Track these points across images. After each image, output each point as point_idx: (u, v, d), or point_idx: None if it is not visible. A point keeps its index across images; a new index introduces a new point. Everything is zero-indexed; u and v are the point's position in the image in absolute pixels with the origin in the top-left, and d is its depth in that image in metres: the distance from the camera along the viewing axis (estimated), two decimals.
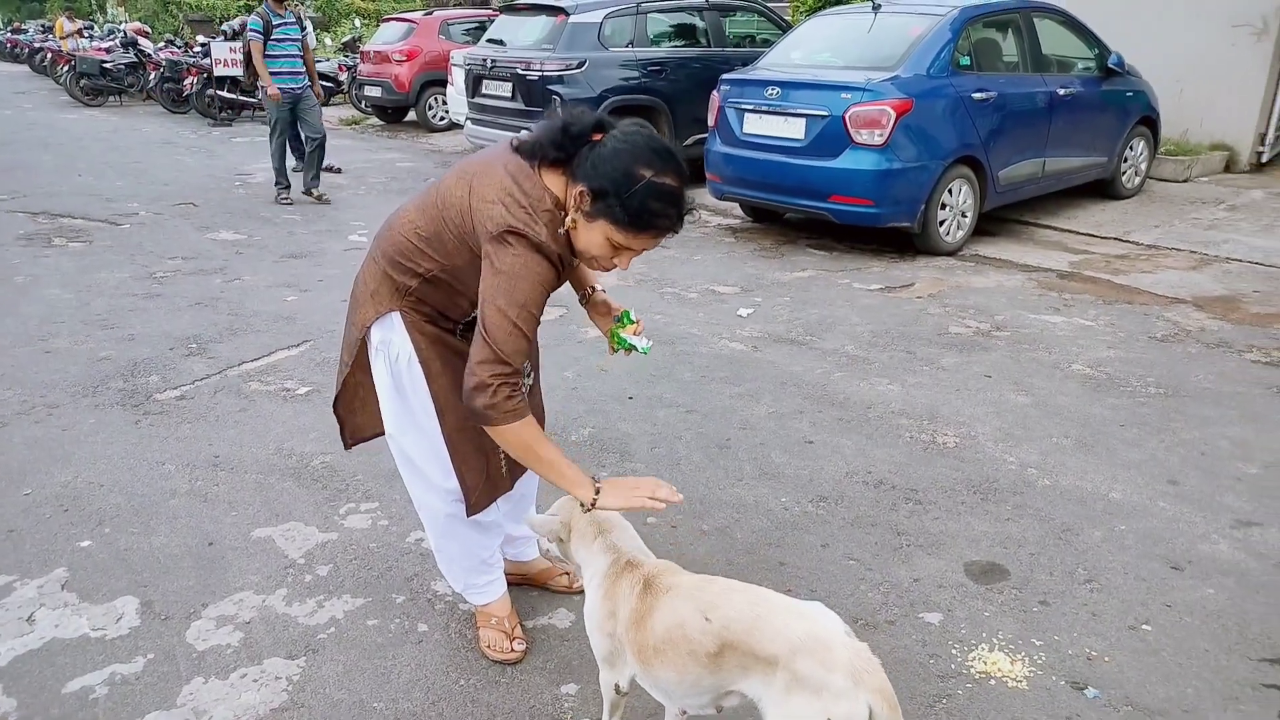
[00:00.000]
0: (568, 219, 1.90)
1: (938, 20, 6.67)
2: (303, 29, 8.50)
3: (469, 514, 2.29)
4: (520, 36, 9.17)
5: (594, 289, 2.36)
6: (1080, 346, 4.81)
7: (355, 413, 2.42)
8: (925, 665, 2.42)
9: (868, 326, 5.14)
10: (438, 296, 2.11)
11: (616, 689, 1.95)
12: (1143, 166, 8.44)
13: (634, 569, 1.89)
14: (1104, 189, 8.28)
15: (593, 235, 1.89)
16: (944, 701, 2.29)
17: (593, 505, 1.93)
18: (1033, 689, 2.33)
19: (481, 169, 1.95)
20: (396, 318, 2.13)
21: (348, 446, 2.50)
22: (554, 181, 1.91)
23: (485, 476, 2.27)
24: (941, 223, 6.66)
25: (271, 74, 8.18)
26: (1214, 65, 9.13)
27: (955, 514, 3.19)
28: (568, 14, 8.59)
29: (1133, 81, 7.97)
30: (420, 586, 2.75)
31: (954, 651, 2.48)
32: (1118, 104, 7.88)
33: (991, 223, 7.41)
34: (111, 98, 17.00)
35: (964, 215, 6.79)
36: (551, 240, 1.87)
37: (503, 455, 2.26)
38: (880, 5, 7.15)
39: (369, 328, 2.16)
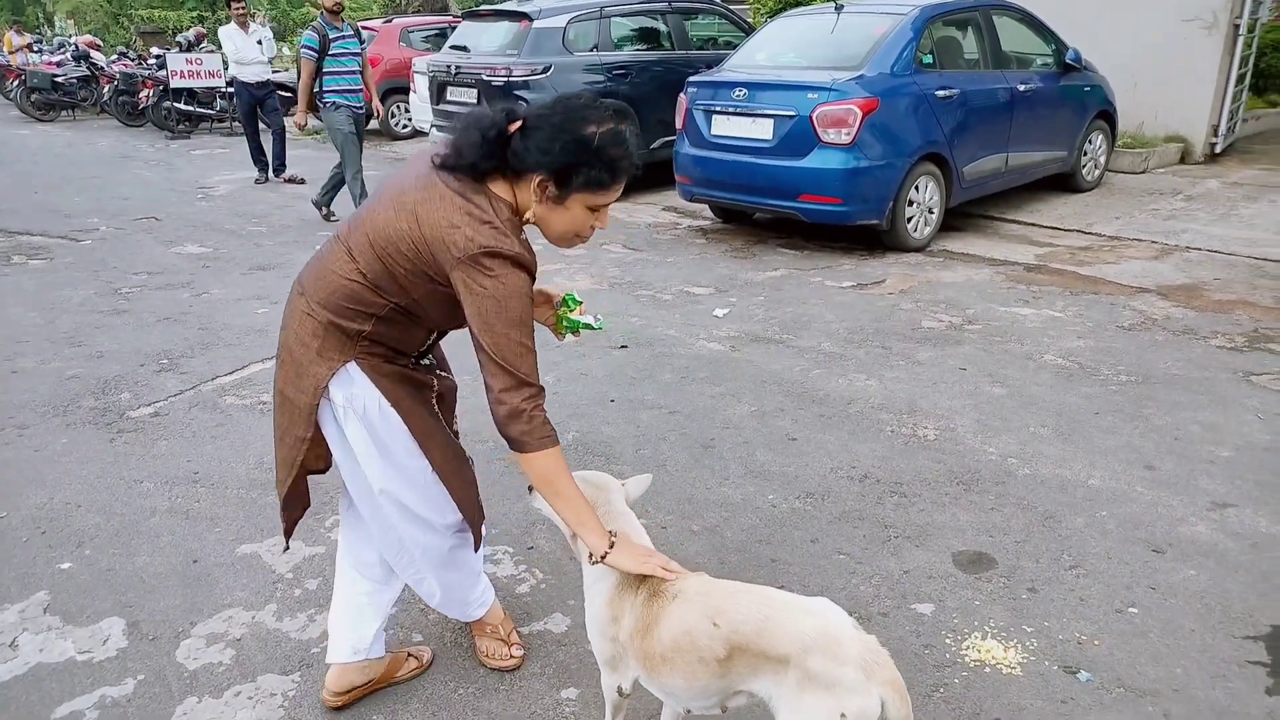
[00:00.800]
0: (529, 215, 1.86)
1: (900, 19, 6.75)
2: (361, 42, 7.89)
3: (477, 546, 2.28)
4: (484, 42, 9.14)
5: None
6: (1050, 337, 4.89)
7: (298, 501, 2.18)
8: (920, 656, 2.45)
9: (843, 323, 5.19)
10: (394, 333, 1.99)
11: (619, 691, 1.95)
12: (1101, 159, 8.60)
13: (642, 578, 1.86)
14: (1065, 182, 8.43)
15: (573, 214, 1.86)
16: (941, 691, 2.32)
17: (602, 559, 1.84)
18: (1027, 675, 2.37)
19: (421, 197, 1.83)
20: (353, 368, 1.97)
21: (289, 545, 2.35)
22: (498, 188, 1.86)
23: (477, 504, 2.23)
24: (909, 219, 6.74)
25: (331, 91, 7.57)
26: (1166, 59, 9.34)
27: (940, 505, 3.23)
28: (531, 19, 8.58)
29: (1090, 76, 8.13)
30: (412, 596, 2.72)
31: (948, 641, 2.51)
32: (1076, 99, 8.03)
33: (958, 218, 7.51)
34: (64, 112, 16.67)
35: (931, 211, 6.88)
36: (525, 250, 1.82)
37: None
38: (843, 5, 7.23)
39: (324, 389, 1.97)
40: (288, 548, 2.43)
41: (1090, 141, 8.35)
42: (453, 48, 9.55)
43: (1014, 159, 7.50)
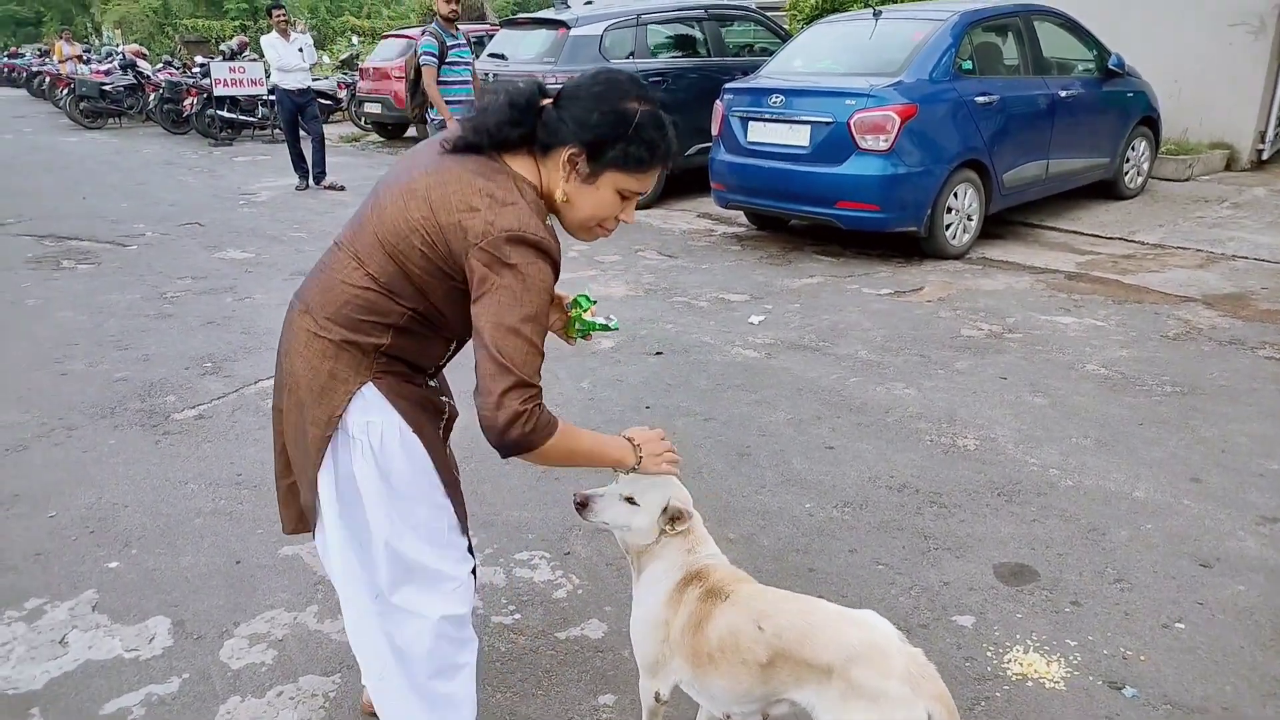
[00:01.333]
0: (559, 194, 1.69)
1: (939, 25, 6.71)
2: (472, 51, 7.78)
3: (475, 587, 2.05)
4: (522, 50, 9.21)
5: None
6: (1093, 347, 4.82)
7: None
8: (961, 668, 2.42)
9: (880, 331, 5.15)
10: (413, 346, 1.78)
11: (657, 696, 1.94)
12: (1145, 166, 8.47)
13: (701, 577, 1.85)
14: (1107, 190, 8.31)
15: (601, 195, 1.70)
16: (983, 704, 2.29)
17: (638, 464, 1.81)
18: (1070, 689, 2.33)
19: (434, 183, 1.65)
20: (370, 390, 1.74)
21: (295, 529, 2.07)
22: (521, 166, 1.69)
23: (471, 543, 2.00)
24: (948, 226, 6.68)
25: (447, 101, 7.35)
26: (1212, 64, 9.18)
27: (980, 516, 3.19)
28: (569, 27, 8.63)
29: (1133, 82, 8.01)
30: None
31: (989, 654, 2.48)
32: (1119, 105, 7.92)
33: (997, 225, 7.44)
34: (111, 120, 17.05)
35: (970, 219, 6.81)
36: (550, 236, 1.66)
37: None
38: (881, 11, 7.20)
39: (340, 418, 1.74)
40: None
41: (1133, 148, 8.22)
42: (490, 55, 9.64)
43: (1055, 166, 7.41)
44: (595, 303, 2.13)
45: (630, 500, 1.85)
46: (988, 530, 3.09)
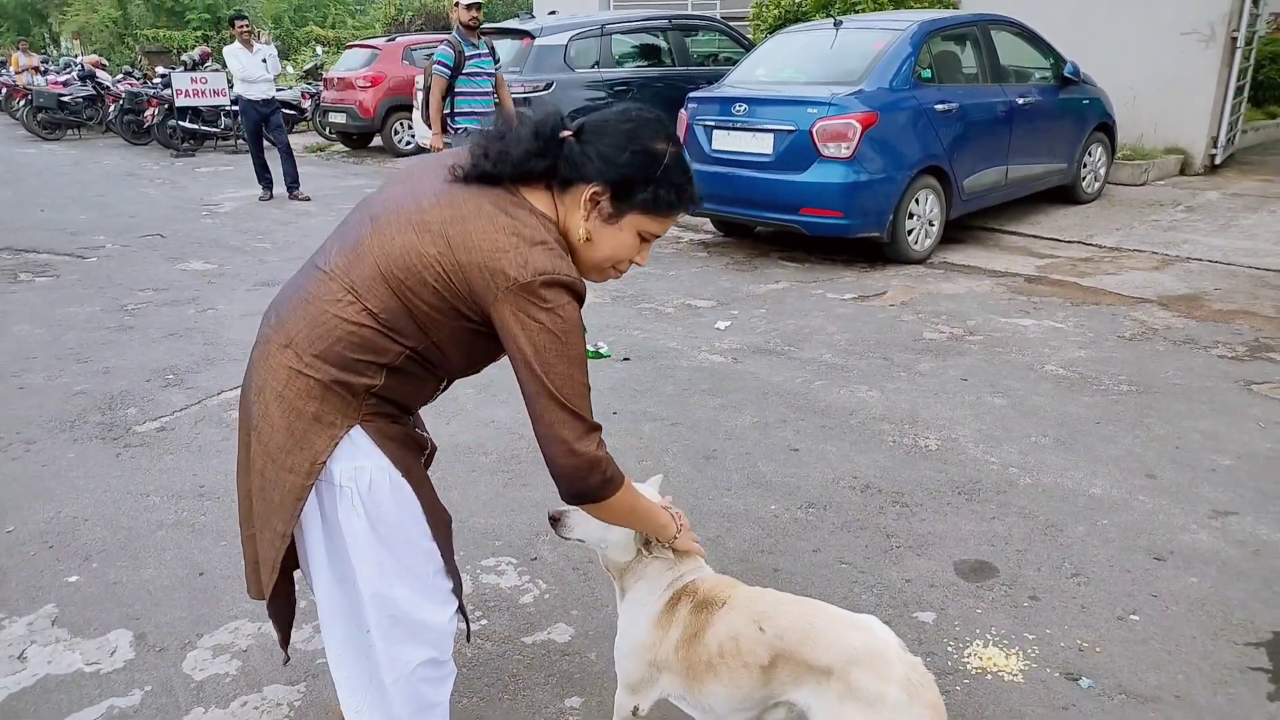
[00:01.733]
0: (582, 231, 1.61)
1: (898, 34, 6.82)
2: (497, 61, 7.30)
3: (469, 638, 2.06)
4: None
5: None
6: (1052, 348, 4.91)
7: (283, 598, 1.88)
8: (923, 663, 2.45)
9: (844, 335, 5.21)
10: (405, 388, 1.68)
11: (635, 711, 1.93)
12: (1101, 171, 8.65)
13: (690, 592, 1.86)
14: (1065, 194, 8.48)
15: (622, 237, 1.64)
16: (944, 698, 2.32)
17: (673, 541, 1.85)
18: (1029, 681, 2.38)
19: (450, 217, 1.56)
20: (358, 433, 1.63)
21: (289, 655, 2.05)
22: (539, 200, 1.61)
23: (460, 583, 1.91)
24: (910, 232, 6.77)
25: (463, 114, 6.93)
26: (1165, 72, 9.40)
27: (941, 515, 3.24)
28: (533, 37, 8.67)
29: (1088, 89, 8.18)
30: None
31: (949, 649, 2.52)
32: (1075, 112, 8.09)
33: (958, 230, 7.55)
34: (70, 131, 16.80)
35: (931, 224, 6.92)
36: (579, 276, 1.59)
37: None
38: (841, 21, 7.30)
39: (324, 465, 1.62)
40: (288, 659, 2.09)
41: (1090, 154, 8.39)
42: None
43: (1014, 172, 7.54)
44: (585, 330, 2.10)
45: None
46: (949, 528, 3.15)
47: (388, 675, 1.78)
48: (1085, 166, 8.41)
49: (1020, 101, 7.37)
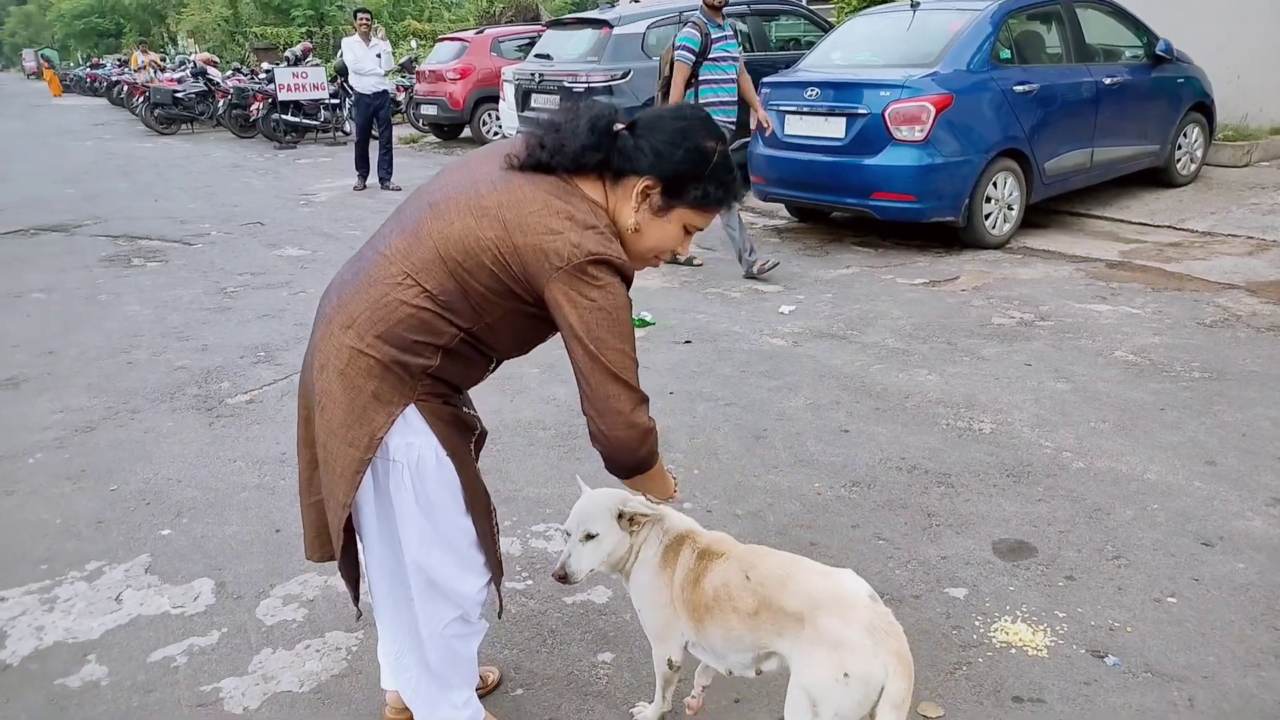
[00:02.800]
0: (632, 221, 1.70)
1: (977, 15, 6.70)
2: (740, 43, 6.59)
3: (500, 614, 2.19)
4: (567, 50, 9.41)
5: None
6: (1124, 334, 4.81)
7: (350, 560, 1.98)
8: (948, 636, 2.51)
9: (909, 320, 5.20)
10: (458, 369, 1.77)
11: (670, 663, 2.05)
12: (1198, 153, 8.30)
13: (690, 539, 1.99)
14: (1159, 177, 8.17)
15: (668, 229, 1.73)
16: (964, 669, 2.38)
17: (673, 495, 1.98)
18: (1053, 657, 2.41)
19: (507, 201, 1.64)
20: (412, 412, 1.73)
21: (360, 611, 2.16)
22: (591, 189, 1.70)
23: (500, 560, 2.03)
24: (987, 216, 6.67)
25: (709, 104, 6.08)
26: (1271, 50, 8.93)
27: (986, 496, 3.25)
28: (612, 26, 8.81)
29: (1183, 68, 7.86)
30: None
31: (977, 623, 2.56)
32: (1168, 91, 7.79)
33: (1041, 215, 7.38)
34: (184, 126, 17.82)
35: (1010, 208, 6.79)
36: (627, 259, 1.67)
37: None
38: (919, 3, 7.20)
39: (381, 440, 1.72)
40: (360, 614, 2.22)
41: (1185, 135, 8.07)
42: (537, 56, 9.86)
43: (1100, 154, 7.32)
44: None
45: (589, 536, 1.98)
46: (992, 509, 3.16)
47: (424, 629, 1.96)
48: (1180, 148, 8.08)
49: (1107, 81, 7.14)
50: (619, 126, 1.70)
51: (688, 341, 4.97)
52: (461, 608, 1.95)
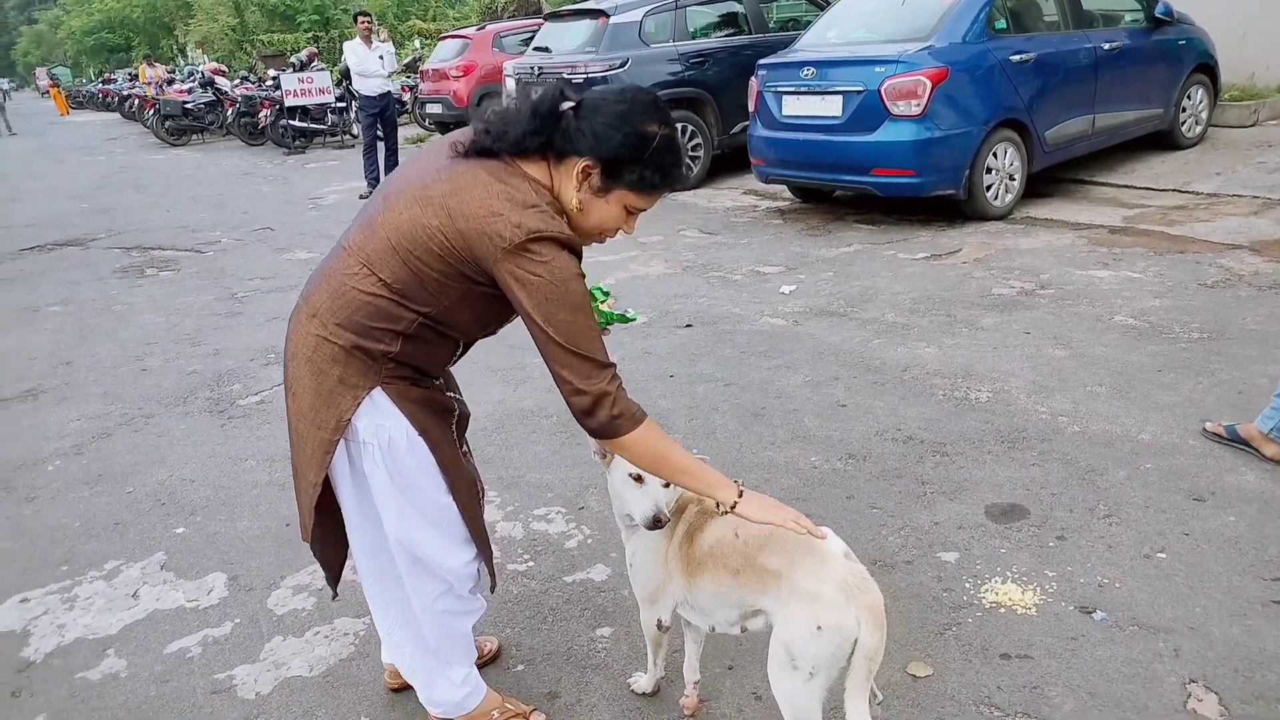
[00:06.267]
0: (575, 201, 1.73)
1: None
2: None
3: (493, 588, 2.18)
4: (565, 42, 9.44)
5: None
6: (1125, 299, 4.81)
7: (332, 541, 2.06)
8: (939, 598, 2.55)
9: (909, 294, 5.22)
10: (421, 353, 1.83)
11: (659, 624, 2.11)
12: (1203, 115, 8.23)
13: (696, 500, 2.03)
14: (1165, 140, 8.10)
15: (608, 209, 1.76)
16: (953, 629, 2.43)
17: (732, 508, 1.79)
18: (1041, 615, 2.45)
19: (449, 189, 1.69)
20: (379, 394, 1.79)
21: (337, 591, 2.23)
22: (534, 169, 1.74)
23: (487, 537, 2.08)
24: (988, 187, 6.66)
25: None
26: (1277, 6, 8.83)
27: (980, 462, 3.29)
28: (608, 15, 8.82)
29: (1184, 30, 7.79)
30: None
31: (967, 585, 2.60)
32: (1169, 54, 7.72)
33: (1046, 183, 7.36)
34: (194, 136, 18.00)
35: (1011, 178, 6.78)
36: (571, 232, 1.71)
37: None
38: None
39: (348, 422, 1.79)
40: (336, 595, 2.26)
41: (1189, 97, 8.00)
42: (535, 49, 9.90)
43: (1101, 120, 7.28)
44: (610, 295, 2.15)
45: (636, 479, 1.93)
46: (986, 475, 3.20)
47: (417, 605, 2.03)
48: (1185, 110, 8.02)
49: (1106, 47, 7.09)
50: (566, 106, 1.73)
51: (689, 326, 5.02)
52: (449, 582, 2.01)
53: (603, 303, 2.10)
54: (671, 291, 5.68)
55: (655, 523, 1.90)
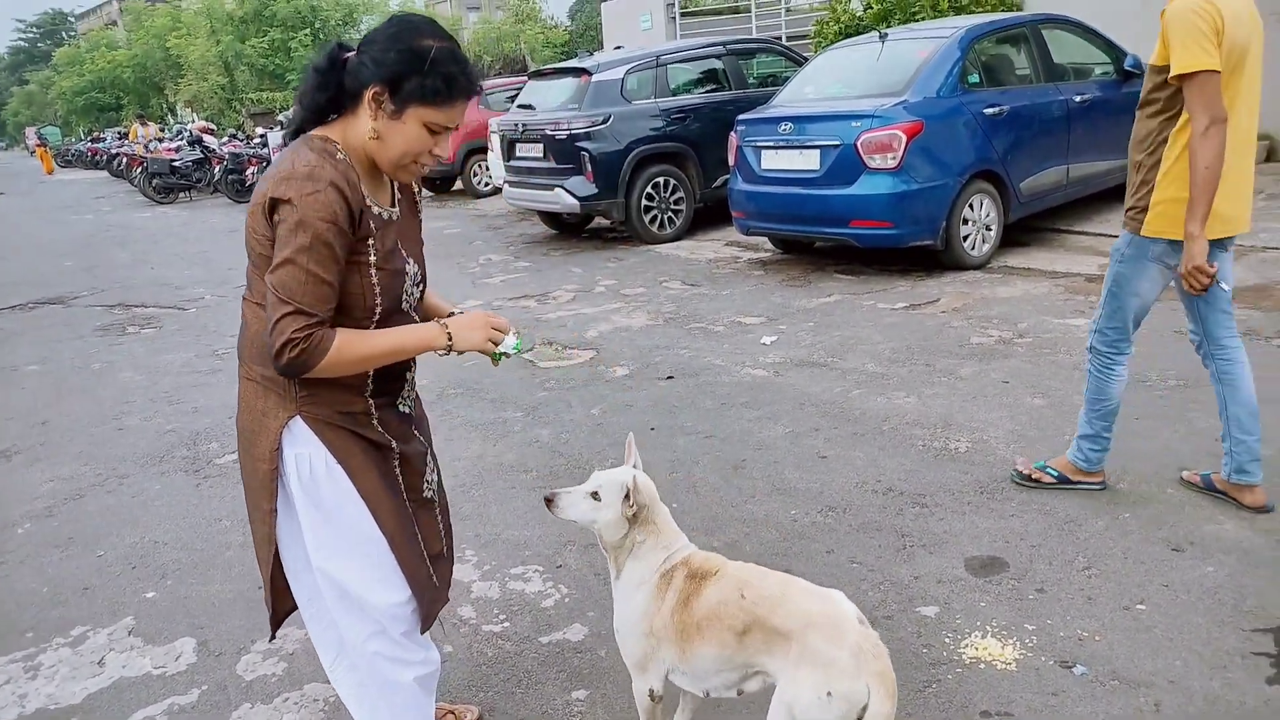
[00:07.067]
0: (368, 129, 1.75)
1: (943, 42, 6.84)
2: None
3: (424, 629, 2.06)
4: (548, 99, 9.58)
5: (451, 314, 2.08)
6: None
7: (282, 588, 2.08)
8: (919, 654, 2.52)
9: (889, 344, 5.25)
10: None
11: (651, 694, 2.05)
12: None
13: (684, 564, 2.01)
14: None
15: (408, 130, 1.75)
16: (933, 686, 2.39)
17: (448, 350, 1.86)
18: (1021, 670, 2.42)
19: (258, 189, 1.77)
20: (298, 423, 1.84)
21: (275, 633, 2.22)
22: (326, 130, 1.80)
23: (429, 580, 2.04)
24: (965, 238, 6.74)
25: None
26: None
27: (960, 514, 3.28)
28: (591, 74, 8.98)
29: None
30: (446, 613, 2.95)
31: (946, 640, 2.57)
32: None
33: (1024, 232, 7.46)
34: (181, 194, 18.09)
35: (988, 229, 6.87)
36: (329, 168, 1.70)
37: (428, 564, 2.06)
38: (887, 34, 7.35)
39: (278, 452, 1.85)
40: (273, 637, 2.25)
41: None
42: (520, 106, 10.04)
43: (1075, 170, 7.41)
44: (520, 339, 2.03)
45: (594, 496, 1.99)
46: (965, 526, 3.18)
47: (348, 641, 2.02)
48: None
49: (1078, 99, 7.25)
50: (348, 54, 1.78)
51: (670, 377, 5.02)
52: (379, 622, 1.97)
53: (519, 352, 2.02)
54: (653, 343, 5.70)
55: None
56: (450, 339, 1.85)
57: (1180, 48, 2.79)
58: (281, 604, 2.11)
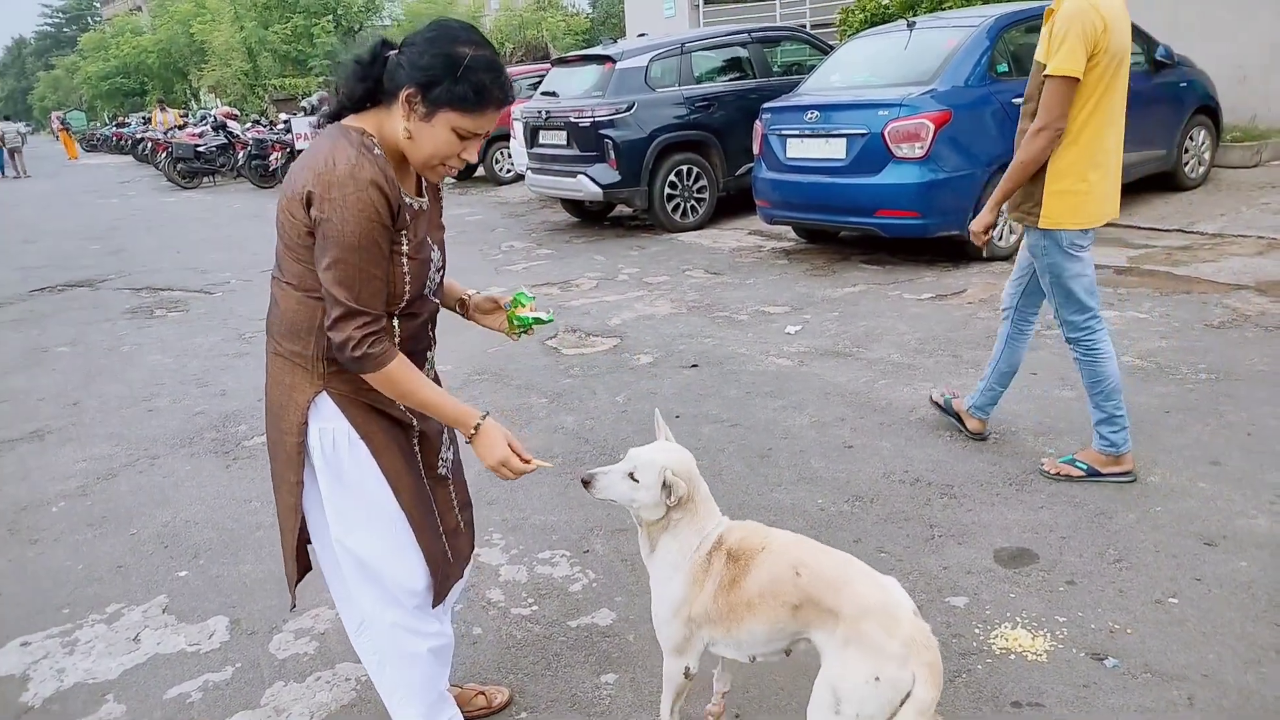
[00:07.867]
0: (403, 129, 1.78)
1: (972, 31, 6.75)
2: None
3: (435, 603, 2.10)
4: (572, 87, 9.56)
5: (468, 296, 2.24)
6: (1131, 339, 4.80)
7: (302, 553, 2.16)
8: (948, 645, 2.51)
9: (915, 335, 5.22)
10: None
11: (686, 672, 2.06)
12: (1206, 156, 8.28)
13: (719, 545, 2.00)
14: (1168, 181, 8.15)
15: (437, 133, 1.78)
16: (963, 676, 2.39)
17: (469, 441, 1.91)
18: (1052, 661, 2.41)
19: (291, 169, 1.85)
20: (324, 398, 1.90)
21: (295, 601, 2.29)
22: (363, 121, 1.83)
23: (445, 556, 2.09)
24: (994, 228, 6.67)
25: None
26: (1275, 48, 8.92)
27: (989, 505, 3.26)
28: (615, 61, 8.95)
29: (1184, 72, 7.86)
30: (475, 595, 2.98)
31: (976, 631, 2.57)
32: (1170, 96, 7.78)
33: None
34: (206, 179, 18.22)
35: None
36: (369, 165, 1.74)
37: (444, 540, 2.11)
38: (915, 22, 7.28)
39: (305, 425, 1.91)
40: (294, 605, 2.31)
41: (1191, 138, 8.06)
42: (543, 94, 10.02)
43: None
44: (534, 299, 2.20)
45: (632, 476, 1.98)
46: (994, 518, 3.17)
47: (367, 609, 2.07)
48: (1187, 151, 8.07)
49: None
50: (391, 51, 1.81)
51: (694, 366, 5.02)
52: (397, 596, 2.02)
53: (524, 306, 2.16)
54: (677, 331, 5.69)
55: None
56: (475, 434, 1.89)
57: (1066, 50, 2.99)
58: (299, 567, 2.17)
